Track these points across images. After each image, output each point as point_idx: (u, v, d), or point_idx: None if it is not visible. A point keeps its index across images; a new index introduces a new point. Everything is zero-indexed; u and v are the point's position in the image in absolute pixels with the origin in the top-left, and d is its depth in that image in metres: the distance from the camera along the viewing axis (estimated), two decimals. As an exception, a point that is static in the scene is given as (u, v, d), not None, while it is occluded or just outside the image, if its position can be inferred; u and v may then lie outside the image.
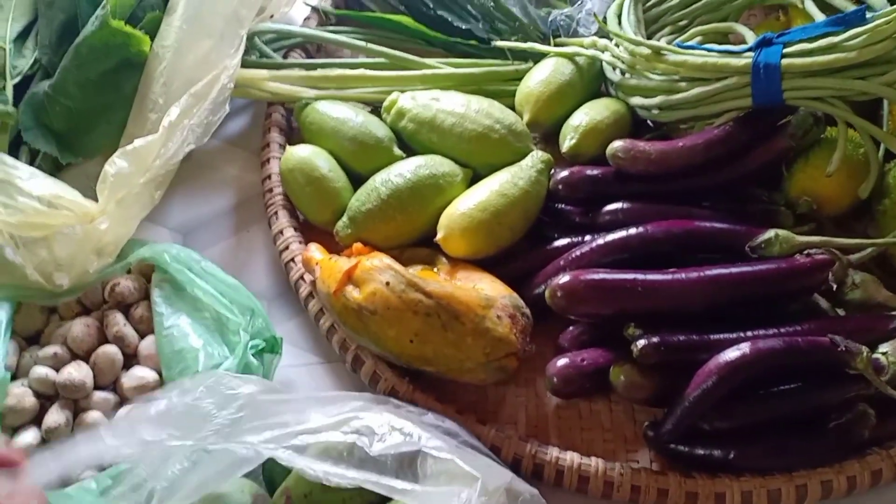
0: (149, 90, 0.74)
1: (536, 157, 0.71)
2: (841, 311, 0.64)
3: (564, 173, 0.71)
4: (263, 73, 0.80)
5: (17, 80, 0.76)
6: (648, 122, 0.77)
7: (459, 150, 0.73)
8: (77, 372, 0.61)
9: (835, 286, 0.61)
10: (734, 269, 0.61)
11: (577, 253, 0.66)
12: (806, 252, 0.62)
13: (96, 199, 0.66)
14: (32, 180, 0.65)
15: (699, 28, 0.81)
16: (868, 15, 0.65)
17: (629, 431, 0.63)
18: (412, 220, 0.70)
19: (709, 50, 0.70)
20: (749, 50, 0.68)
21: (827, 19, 0.67)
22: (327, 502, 0.49)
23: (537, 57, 0.82)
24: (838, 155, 0.65)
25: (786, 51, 0.66)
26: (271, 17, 0.85)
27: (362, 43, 0.84)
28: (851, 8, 0.69)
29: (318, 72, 0.81)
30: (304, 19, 0.91)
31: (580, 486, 0.58)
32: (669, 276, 0.60)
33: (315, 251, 0.68)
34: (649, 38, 0.83)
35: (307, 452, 0.44)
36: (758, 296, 0.61)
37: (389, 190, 0.70)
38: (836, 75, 0.64)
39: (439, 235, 0.68)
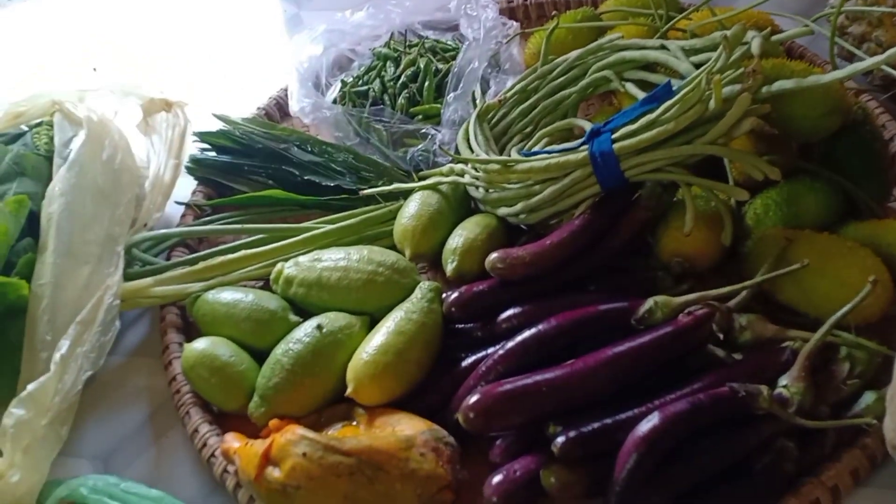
0: (35, 331, 0.74)
1: (425, 288, 0.74)
2: (738, 356, 0.66)
3: (454, 295, 0.73)
4: (147, 280, 0.81)
5: None
6: (521, 226, 0.81)
7: (351, 301, 0.75)
8: None
9: (723, 334, 0.64)
10: (626, 345, 0.63)
11: (483, 369, 0.67)
12: (687, 311, 0.65)
13: (1, 454, 0.65)
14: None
15: (544, 131, 0.87)
16: (676, 86, 0.72)
17: (580, 530, 0.63)
18: (322, 382, 0.71)
19: (549, 152, 0.76)
20: (584, 143, 0.73)
21: (640, 100, 0.73)
22: None
23: (407, 194, 0.87)
24: (689, 214, 0.70)
25: (614, 136, 0.71)
26: (145, 225, 0.88)
27: (237, 225, 0.87)
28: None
29: (201, 264, 0.83)
30: (181, 217, 0.94)
31: None
32: (569, 369, 0.62)
33: (232, 440, 0.68)
34: (501, 150, 0.88)
35: None
36: (654, 363, 0.63)
37: (292, 359, 0.71)
38: (664, 146, 0.70)
39: (349, 389, 0.68)
